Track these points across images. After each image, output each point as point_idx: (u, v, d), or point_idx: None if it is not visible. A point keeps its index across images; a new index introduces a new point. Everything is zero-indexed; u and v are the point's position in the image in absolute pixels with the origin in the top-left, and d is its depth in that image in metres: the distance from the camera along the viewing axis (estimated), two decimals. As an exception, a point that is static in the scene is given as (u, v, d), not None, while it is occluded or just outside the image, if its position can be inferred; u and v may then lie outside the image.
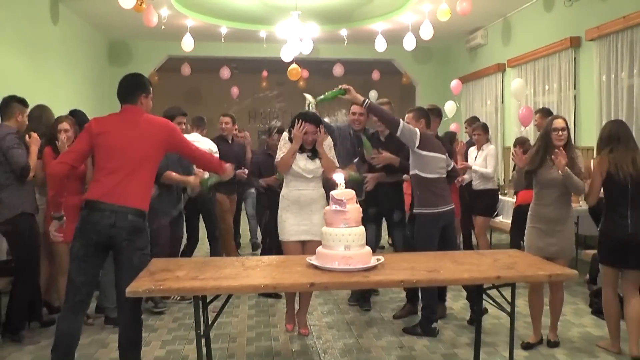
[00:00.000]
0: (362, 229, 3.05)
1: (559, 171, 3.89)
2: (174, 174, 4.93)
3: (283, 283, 2.77)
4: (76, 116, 5.04)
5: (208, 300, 3.17)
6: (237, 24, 10.11)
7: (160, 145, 3.36)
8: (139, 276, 2.90)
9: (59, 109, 4.99)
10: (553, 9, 8.32)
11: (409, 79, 12.85)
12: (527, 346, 4.17)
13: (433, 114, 4.91)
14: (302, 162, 4.25)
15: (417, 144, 4.35)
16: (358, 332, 4.59)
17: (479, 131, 6.72)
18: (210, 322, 3.07)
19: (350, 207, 3.02)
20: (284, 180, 4.36)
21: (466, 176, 6.44)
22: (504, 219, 7.02)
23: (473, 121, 7.57)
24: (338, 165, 4.37)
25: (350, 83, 4.33)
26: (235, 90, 13.49)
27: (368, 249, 3.06)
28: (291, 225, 4.21)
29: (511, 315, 3.15)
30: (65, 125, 4.62)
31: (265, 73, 13.59)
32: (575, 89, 7.80)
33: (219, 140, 6.54)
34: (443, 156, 4.51)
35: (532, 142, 6.30)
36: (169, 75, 12.87)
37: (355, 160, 4.91)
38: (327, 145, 4.33)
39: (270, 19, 9.60)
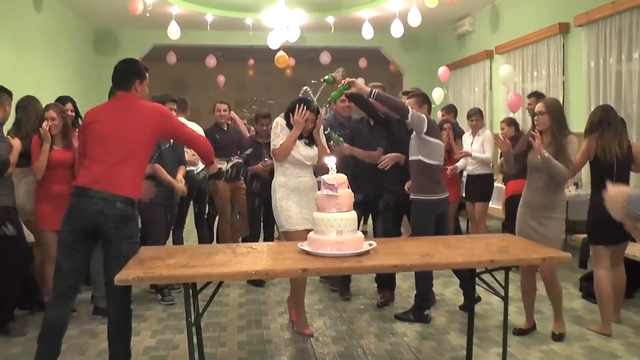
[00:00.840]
0: (354, 214, 3.01)
1: (538, 155, 3.89)
2: (161, 172, 4.90)
3: (275, 269, 2.72)
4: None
5: (198, 288, 3.13)
6: (223, 12, 9.99)
7: (153, 132, 3.29)
8: (128, 264, 2.85)
9: (44, 100, 4.89)
10: (541, -6, 8.30)
11: (397, 66, 12.80)
12: (519, 332, 4.16)
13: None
14: (302, 149, 4.14)
15: (425, 129, 4.29)
16: (349, 319, 4.57)
17: (476, 117, 6.68)
18: (201, 311, 3.02)
19: (342, 191, 2.98)
20: (279, 169, 4.18)
21: (459, 164, 6.40)
22: (494, 205, 6.99)
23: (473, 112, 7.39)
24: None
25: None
26: (221, 79, 13.37)
27: (360, 234, 3.03)
28: (296, 213, 4.04)
29: (504, 299, 3.13)
30: (52, 113, 4.54)
31: (252, 61, 13.47)
32: (563, 75, 7.79)
33: (215, 128, 6.46)
34: (442, 143, 4.54)
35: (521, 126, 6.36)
36: (155, 64, 12.59)
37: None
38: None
39: (257, 7, 9.51)
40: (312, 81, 4.34)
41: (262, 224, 5.88)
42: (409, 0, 8.98)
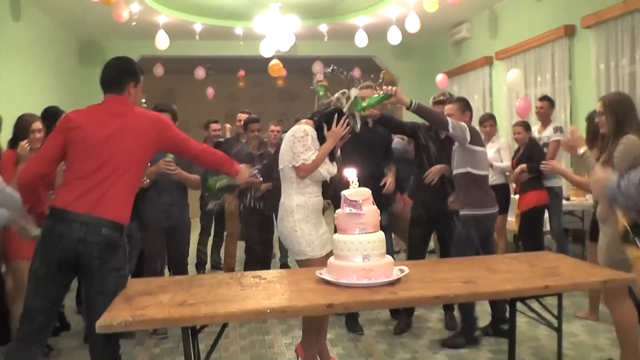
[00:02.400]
0: (382, 234, 2.56)
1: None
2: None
3: (294, 306, 2.23)
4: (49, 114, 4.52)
5: (198, 327, 2.64)
6: (212, 20, 9.57)
7: (149, 144, 2.80)
8: (113, 303, 2.36)
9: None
10: (544, -3, 8.00)
11: (391, 76, 12.45)
12: None
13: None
14: (328, 165, 3.57)
15: (468, 139, 3.94)
16: (366, 350, 4.09)
17: (490, 122, 6.26)
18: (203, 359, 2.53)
19: (367, 209, 2.53)
20: (295, 186, 3.49)
21: None
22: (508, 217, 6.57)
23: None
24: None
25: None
26: (210, 91, 12.90)
27: (390, 258, 2.57)
28: (317, 237, 3.47)
29: (558, 330, 2.69)
30: (38, 124, 4.11)
31: (242, 72, 13.02)
32: (570, 79, 7.47)
33: (234, 141, 6.07)
34: (486, 151, 4.20)
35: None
36: (142, 77, 12.26)
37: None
38: None
39: (247, 15, 9.11)
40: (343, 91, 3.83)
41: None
42: (406, 6, 8.65)
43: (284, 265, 6.43)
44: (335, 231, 4.27)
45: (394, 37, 8.89)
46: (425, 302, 2.53)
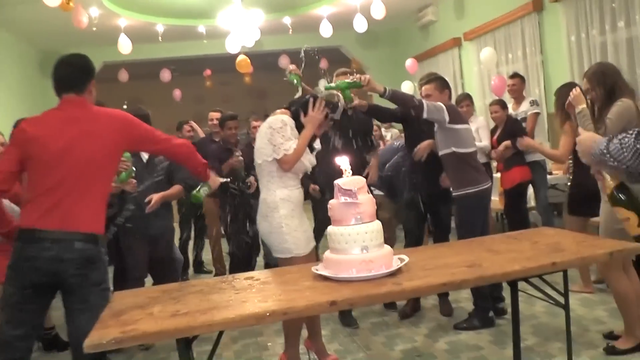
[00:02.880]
0: (379, 224, 2.43)
1: None
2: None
3: (295, 306, 2.08)
4: None
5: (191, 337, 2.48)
6: (174, 20, 9.35)
7: (115, 146, 2.62)
8: (100, 320, 2.19)
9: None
10: (510, -27, 7.96)
11: (359, 64, 12.34)
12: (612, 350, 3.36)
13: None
14: (308, 155, 3.43)
15: (447, 118, 3.83)
16: (364, 343, 3.97)
17: (466, 102, 6.17)
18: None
19: (363, 197, 2.39)
20: (277, 180, 3.31)
21: None
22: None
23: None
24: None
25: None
26: (177, 93, 12.64)
27: (388, 247, 2.45)
28: (303, 233, 3.33)
29: (565, 307, 2.60)
30: (1, 138, 3.87)
31: (208, 71, 12.78)
32: (542, 54, 7.47)
33: (207, 141, 5.90)
34: (470, 126, 4.10)
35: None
36: (107, 85, 11.92)
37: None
38: None
39: (209, 12, 8.91)
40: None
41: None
42: (370, -8, 8.55)
43: (269, 265, 6.26)
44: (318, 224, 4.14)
45: (360, 24, 8.81)
46: (432, 290, 2.42)
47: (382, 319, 4.43)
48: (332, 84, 3.60)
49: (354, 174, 2.47)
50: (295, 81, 3.91)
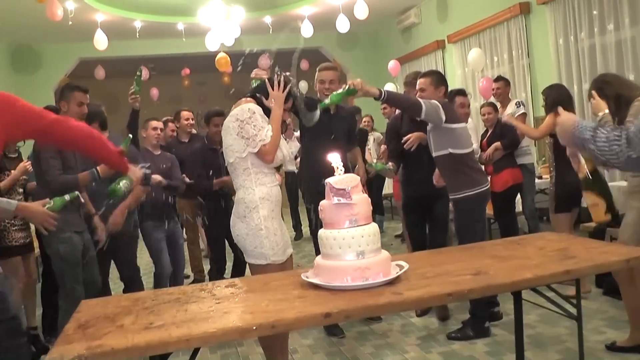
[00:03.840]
0: (375, 227, 2.21)
1: None
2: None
3: (284, 319, 1.85)
4: None
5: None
6: (152, 17, 9.05)
7: None
8: (63, 332, 1.94)
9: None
10: (495, -24, 7.84)
11: (339, 66, 12.16)
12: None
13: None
14: (285, 146, 3.13)
15: (443, 118, 3.58)
16: (351, 354, 3.74)
17: (461, 99, 5.96)
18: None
19: (357, 197, 2.18)
20: (253, 176, 2.99)
21: None
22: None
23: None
24: None
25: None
26: (154, 92, 12.30)
27: (386, 253, 2.23)
28: (281, 237, 3.02)
29: (578, 319, 2.41)
30: None
31: (187, 70, 12.47)
32: (528, 57, 7.35)
33: (176, 143, 5.71)
34: (466, 124, 3.88)
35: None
36: (83, 82, 11.52)
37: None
38: None
39: (189, 9, 8.66)
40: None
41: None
42: (352, -8, 8.39)
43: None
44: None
45: (342, 25, 8.67)
46: (436, 301, 2.19)
47: (369, 328, 4.20)
48: (327, 101, 3.27)
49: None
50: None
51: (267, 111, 3.05)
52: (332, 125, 4.06)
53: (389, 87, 9.45)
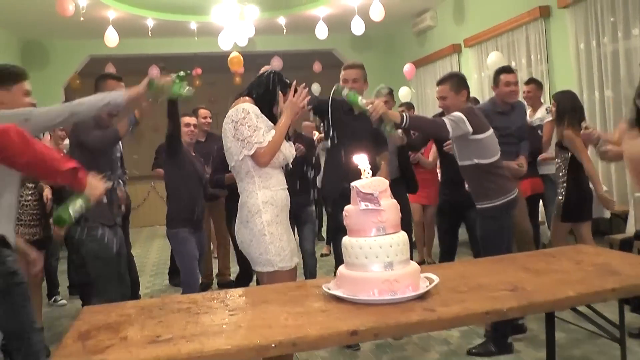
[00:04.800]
0: (405, 236, 2.03)
1: None
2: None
3: (307, 335, 1.67)
4: None
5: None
6: (165, 15, 8.94)
7: None
8: (62, 343, 1.77)
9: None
10: (515, -21, 7.67)
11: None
12: None
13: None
14: (286, 145, 2.90)
15: (470, 130, 3.35)
16: (366, 368, 3.56)
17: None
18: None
19: (386, 203, 2.00)
20: (257, 178, 2.81)
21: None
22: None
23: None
24: None
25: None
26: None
27: (415, 264, 2.05)
28: (288, 243, 2.84)
29: (621, 342, 2.21)
30: None
31: (199, 70, 12.33)
32: (547, 62, 7.16)
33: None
34: (492, 131, 3.58)
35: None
36: (92, 79, 11.47)
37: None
38: None
39: (202, 7, 8.56)
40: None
41: None
42: (369, -7, 8.24)
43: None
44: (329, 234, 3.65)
45: (357, 27, 8.50)
46: (474, 320, 1.99)
47: (385, 340, 4.01)
48: (345, 92, 3.07)
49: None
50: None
51: (266, 112, 2.87)
52: (355, 125, 3.81)
53: (403, 91, 9.30)
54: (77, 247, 3.59)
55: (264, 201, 2.79)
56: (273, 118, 2.87)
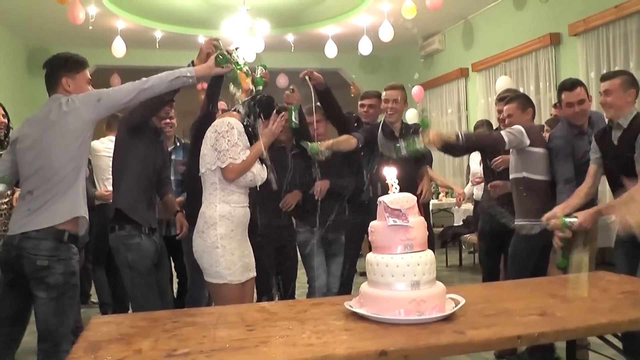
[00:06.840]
0: (432, 255, 1.96)
1: None
2: None
3: (334, 354, 1.58)
4: None
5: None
6: (173, 27, 8.92)
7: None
8: (70, 355, 1.68)
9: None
10: (526, 6, 7.72)
11: (358, 89, 12.00)
12: None
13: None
14: (257, 166, 3.00)
15: (527, 142, 3.44)
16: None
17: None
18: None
19: (414, 220, 1.93)
20: (219, 193, 2.90)
21: (466, 190, 5.58)
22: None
23: None
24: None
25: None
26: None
27: (441, 285, 1.97)
28: (239, 258, 2.90)
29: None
30: None
31: (204, 84, 12.30)
32: (556, 89, 7.14)
33: None
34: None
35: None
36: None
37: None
38: None
39: (211, 21, 8.53)
40: None
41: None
42: (378, 14, 8.25)
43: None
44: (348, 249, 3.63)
45: (365, 47, 8.50)
46: (505, 344, 1.91)
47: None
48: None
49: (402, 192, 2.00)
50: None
51: (248, 131, 3.01)
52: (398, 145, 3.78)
53: (411, 112, 9.27)
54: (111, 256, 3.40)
55: (221, 215, 2.89)
56: (254, 138, 3.00)
